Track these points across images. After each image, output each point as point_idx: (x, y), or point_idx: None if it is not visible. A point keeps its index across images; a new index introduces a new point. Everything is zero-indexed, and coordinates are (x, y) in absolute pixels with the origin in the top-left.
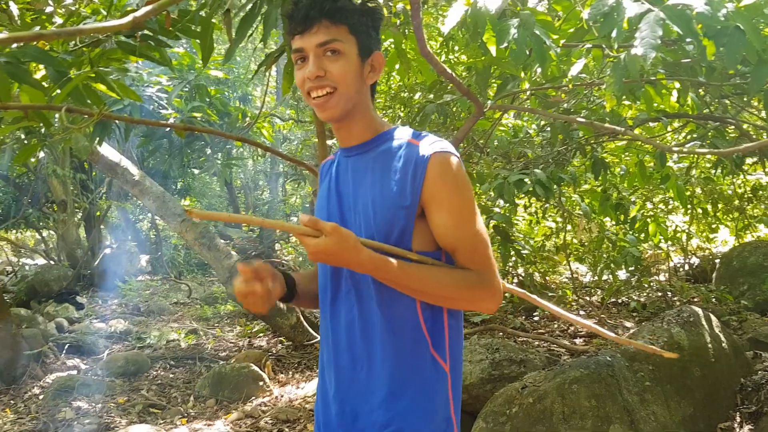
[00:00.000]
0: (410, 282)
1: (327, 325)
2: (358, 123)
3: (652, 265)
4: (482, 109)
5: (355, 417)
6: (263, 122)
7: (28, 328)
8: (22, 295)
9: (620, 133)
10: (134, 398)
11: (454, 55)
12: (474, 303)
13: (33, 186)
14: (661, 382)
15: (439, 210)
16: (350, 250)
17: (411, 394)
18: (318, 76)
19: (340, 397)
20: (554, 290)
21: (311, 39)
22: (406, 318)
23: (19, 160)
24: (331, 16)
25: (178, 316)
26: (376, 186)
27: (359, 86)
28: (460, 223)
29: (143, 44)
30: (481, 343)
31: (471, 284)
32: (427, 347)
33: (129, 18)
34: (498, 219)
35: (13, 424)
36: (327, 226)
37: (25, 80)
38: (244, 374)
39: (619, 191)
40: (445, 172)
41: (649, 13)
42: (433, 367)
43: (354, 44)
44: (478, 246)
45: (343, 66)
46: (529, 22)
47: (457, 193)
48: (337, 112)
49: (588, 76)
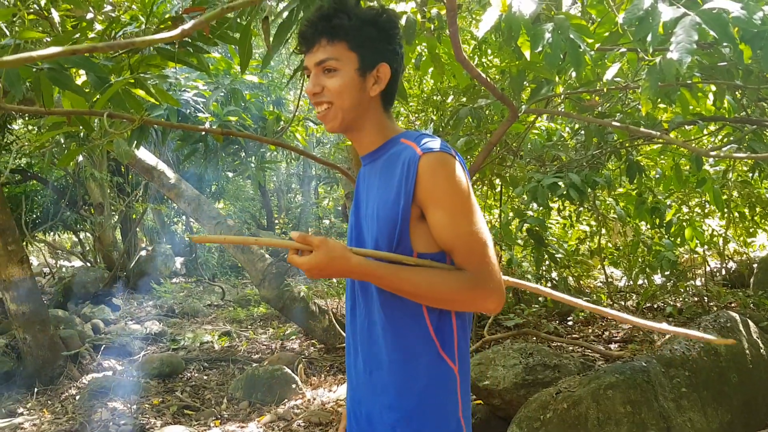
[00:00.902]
0: (402, 286)
1: (349, 329)
2: (367, 132)
3: (689, 270)
4: (516, 113)
5: (370, 419)
6: (297, 126)
7: (65, 329)
8: (60, 296)
9: (655, 136)
10: (169, 399)
11: (487, 59)
12: (472, 304)
13: (71, 189)
14: (698, 389)
15: (434, 209)
16: (338, 260)
17: (419, 395)
18: (315, 93)
19: (357, 399)
20: (588, 294)
21: (311, 58)
22: (412, 321)
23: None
24: (329, 35)
25: (211, 318)
26: (380, 191)
27: (358, 99)
28: (454, 222)
29: (182, 50)
30: (515, 348)
31: (466, 286)
32: (435, 349)
33: (178, 30)
34: (531, 222)
35: (50, 424)
36: (315, 240)
37: (68, 86)
38: (277, 377)
39: (654, 195)
40: (436, 171)
41: (684, 17)
42: (442, 368)
43: (353, 60)
44: (474, 245)
45: (337, 82)
46: (563, 26)
47: (450, 192)
48: (336, 125)
49: (623, 79)
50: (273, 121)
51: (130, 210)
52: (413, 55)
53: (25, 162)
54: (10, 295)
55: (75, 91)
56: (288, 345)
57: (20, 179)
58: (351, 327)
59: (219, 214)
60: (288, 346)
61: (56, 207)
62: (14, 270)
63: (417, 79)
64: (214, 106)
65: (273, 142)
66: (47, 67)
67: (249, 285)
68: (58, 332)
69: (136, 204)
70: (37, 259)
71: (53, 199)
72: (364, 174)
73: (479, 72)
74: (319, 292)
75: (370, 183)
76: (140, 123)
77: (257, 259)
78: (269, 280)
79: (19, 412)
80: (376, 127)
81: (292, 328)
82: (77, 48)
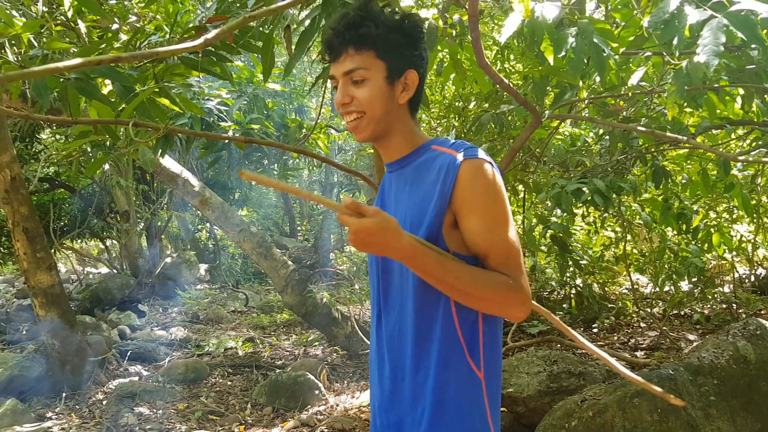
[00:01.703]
0: (447, 275)
1: (374, 337)
2: (395, 140)
3: (716, 276)
4: (540, 119)
5: (399, 427)
6: (319, 133)
7: (92, 335)
8: (87, 303)
9: (682, 141)
10: (194, 405)
11: (509, 65)
12: (505, 307)
13: (98, 197)
14: (727, 397)
15: (471, 215)
16: (390, 232)
17: (448, 402)
18: (344, 104)
19: (384, 407)
20: (614, 301)
21: (339, 67)
22: (443, 328)
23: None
24: (356, 43)
25: (235, 325)
26: (412, 197)
27: (388, 108)
28: (492, 228)
29: (205, 59)
30: (539, 355)
31: (505, 286)
32: (463, 355)
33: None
34: (555, 229)
35: (78, 428)
36: (370, 209)
37: (95, 96)
38: (300, 383)
39: (681, 200)
40: (476, 177)
41: (711, 19)
42: (468, 374)
43: (381, 68)
44: (511, 252)
45: (367, 92)
46: (587, 31)
47: (489, 199)
48: (368, 134)
49: (648, 83)
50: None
51: (155, 218)
52: (435, 61)
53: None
54: (38, 301)
55: (101, 100)
56: (311, 351)
57: (48, 188)
58: (377, 334)
59: (242, 221)
60: (311, 353)
61: (83, 215)
62: (43, 277)
63: (438, 86)
64: (237, 114)
65: (295, 149)
66: (74, 78)
67: (272, 291)
68: (86, 338)
69: (161, 212)
70: (64, 266)
71: (80, 207)
72: (391, 181)
73: (502, 77)
74: (341, 299)
75: (398, 190)
76: (165, 131)
77: (280, 266)
78: (292, 286)
79: (48, 416)
80: (405, 135)
81: (314, 335)
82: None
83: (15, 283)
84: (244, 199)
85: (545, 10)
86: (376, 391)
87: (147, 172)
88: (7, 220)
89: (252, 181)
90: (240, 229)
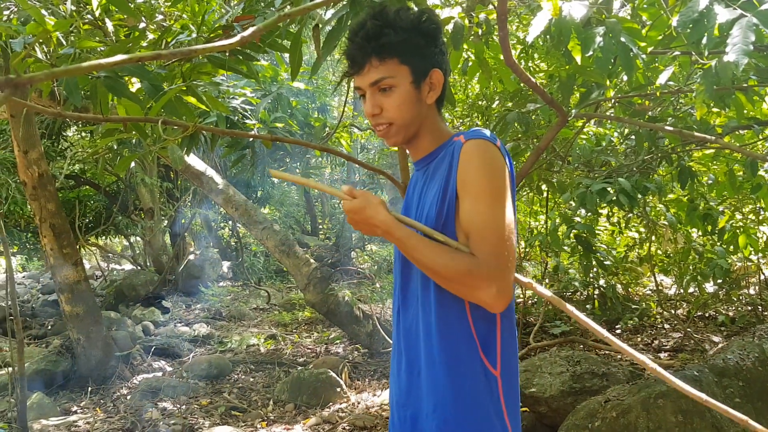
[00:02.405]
0: (413, 252)
1: (396, 332)
2: (424, 139)
3: (742, 278)
4: (566, 118)
5: (414, 422)
6: (342, 132)
7: (117, 331)
8: (111, 298)
9: (710, 141)
10: (216, 401)
11: (534, 64)
12: (469, 290)
13: (122, 194)
14: (752, 399)
15: (464, 195)
16: (371, 208)
17: (462, 398)
18: (374, 114)
19: (401, 402)
20: (637, 302)
21: (364, 79)
22: (458, 324)
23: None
24: (378, 53)
25: (257, 322)
26: (434, 188)
27: (417, 111)
28: (474, 206)
29: (232, 58)
30: (562, 355)
31: (465, 268)
32: (477, 352)
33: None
34: (580, 228)
35: (103, 422)
36: (357, 192)
37: (124, 94)
38: (322, 380)
39: (707, 201)
40: (472, 156)
41: (741, 18)
42: (482, 372)
43: (406, 74)
44: (487, 233)
45: (396, 100)
46: (615, 30)
47: (479, 176)
48: (400, 140)
49: (675, 83)
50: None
51: (179, 215)
52: (460, 60)
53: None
54: (65, 297)
55: (130, 98)
56: (332, 349)
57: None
58: (397, 328)
59: (266, 218)
60: (332, 350)
61: (108, 212)
62: (69, 272)
63: (462, 84)
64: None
65: (320, 147)
66: (104, 76)
67: (294, 289)
68: (111, 333)
69: (185, 209)
70: (89, 262)
71: (105, 204)
72: (417, 179)
73: (529, 76)
74: (363, 297)
75: (424, 186)
76: (194, 130)
77: (302, 264)
78: (314, 284)
79: (73, 410)
80: (433, 133)
81: (336, 333)
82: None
83: (40, 278)
84: (266, 198)
85: (573, 9)
86: (395, 386)
87: (171, 170)
88: (35, 216)
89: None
90: (263, 227)
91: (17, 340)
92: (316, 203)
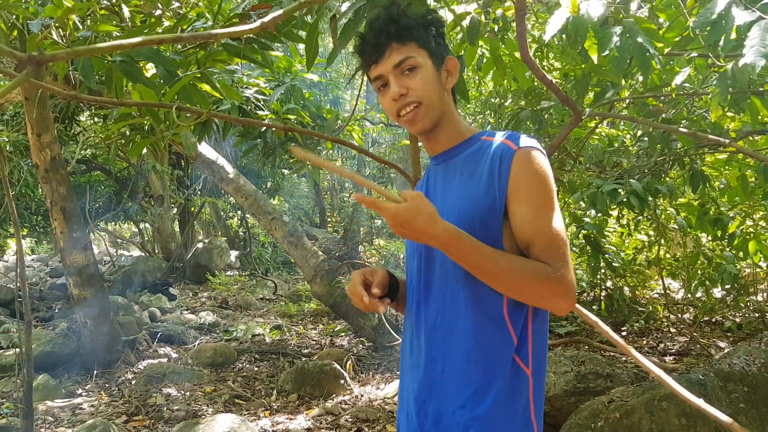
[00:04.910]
0: (484, 262)
1: (413, 327)
2: (445, 129)
3: (750, 284)
4: (580, 116)
5: (438, 417)
6: (353, 125)
7: (124, 316)
8: (119, 284)
9: (724, 144)
10: (220, 388)
11: (548, 62)
12: (545, 297)
13: (133, 181)
14: (757, 405)
15: (520, 203)
16: (426, 217)
17: (494, 395)
18: (402, 95)
19: (422, 398)
20: (644, 305)
21: (386, 64)
22: (494, 322)
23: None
24: (398, 37)
25: (263, 312)
26: (464, 187)
27: (441, 94)
28: (539, 215)
29: (247, 47)
30: (567, 355)
31: (544, 275)
32: (512, 349)
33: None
34: (589, 229)
35: (107, 406)
36: (410, 194)
37: (139, 79)
38: (326, 371)
39: (717, 206)
40: (529, 165)
41: (759, 20)
42: (514, 369)
43: (426, 56)
44: (555, 241)
45: (422, 79)
46: (632, 30)
47: (539, 186)
48: (428, 123)
49: (690, 85)
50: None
51: (189, 203)
52: (475, 57)
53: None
54: (73, 280)
55: (145, 83)
56: (337, 341)
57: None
58: (415, 325)
59: (275, 209)
60: (337, 343)
61: (118, 197)
62: (78, 256)
63: (475, 82)
64: (275, 104)
65: (332, 138)
66: (119, 60)
67: (301, 281)
68: (118, 318)
69: (195, 197)
70: (98, 247)
71: (116, 189)
72: (436, 174)
73: (544, 73)
74: None
75: (447, 181)
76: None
77: (310, 256)
78: (321, 276)
79: (78, 393)
80: (454, 124)
81: (341, 325)
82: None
83: (49, 262)
84: (276, 189)
85: (591, 7)
86: (412, 381)
87: (182, 158)
88: (46, 199)
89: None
90: (272, 217)
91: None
92: (326, 195)
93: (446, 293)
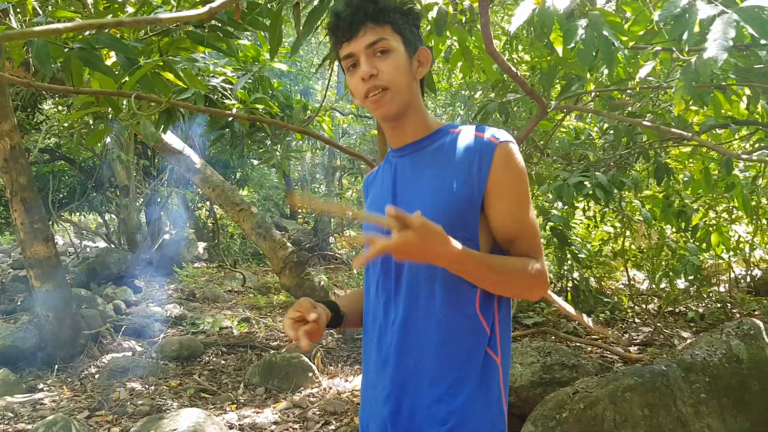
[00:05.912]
0: (491, 273)
1: (380, 324)
2: (412, 120)
3: (713, 276)
4: (545, 109)
5: (412, 413)
6: (323, 116)
7: (87, 309)
8: (83, 276)
9: (687, 137)
10: (186, 382)
11: (517, 55)
12: (532, 290)
13: (98, 170)
14: (718, 395)
15: (502, 198)
16: (441, 244)
17: (469, 388)
18: (372, 75)
19: (395, 395)
20: (609, 296)
21: (359, 42)
22: (467, 313)
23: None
24: (375, 18)
25: (231, 304)
26: (437, 179)
27: (410, 82)
28: (522, 211)
29: (211, 35)
30: (533, 346)
31: (533, 271)
32: (485, 340)
33: (205, 8)
34: (556, 221)
35: (69, 401)
36: (415, 221)
37: (98, 67)
38: (294, 364)
39: (681, 198)
40: (511, 160)
41: (722, 14)
42: (486, 360)
43: (400, 42)
44: (536, 234)
45: (393, 63)
46: (598, 23)
47: (521, 182)
48: (393, 109)
49: (655, 79)
50: (300, 109)
51: (155, 194)
52: (443, 47)
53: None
54: (34, 273)
55: (104, 71)
56: None
57: (48, 159)
58: (384, 319)
59: (243, 200)
60: None
61: (83, 188)
62: (39, 248)
63: (446, 73)
64: (241, 93)
65: (300, 129)
66: (78, 47)
67: (270, 273)
68: (81, 311)
69: (161, 188)
70: (62, 238)
71: (80, 179)
72: (403, 166)
73: (509, 65)
74: (339, 282)
75: (415, 173)
76: (167, 106)
77: (279, 247)
78: (290, 268)
79: (39, 387)
80: (421, 115)
81: None
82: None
83: (11, 253)
84: (245, 179)
85: (556, 1)
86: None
87: (148, 147)
88: (6, 189)
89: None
90: (240, 208)
91: None
92: (296, 187)
93: (418, 288)
